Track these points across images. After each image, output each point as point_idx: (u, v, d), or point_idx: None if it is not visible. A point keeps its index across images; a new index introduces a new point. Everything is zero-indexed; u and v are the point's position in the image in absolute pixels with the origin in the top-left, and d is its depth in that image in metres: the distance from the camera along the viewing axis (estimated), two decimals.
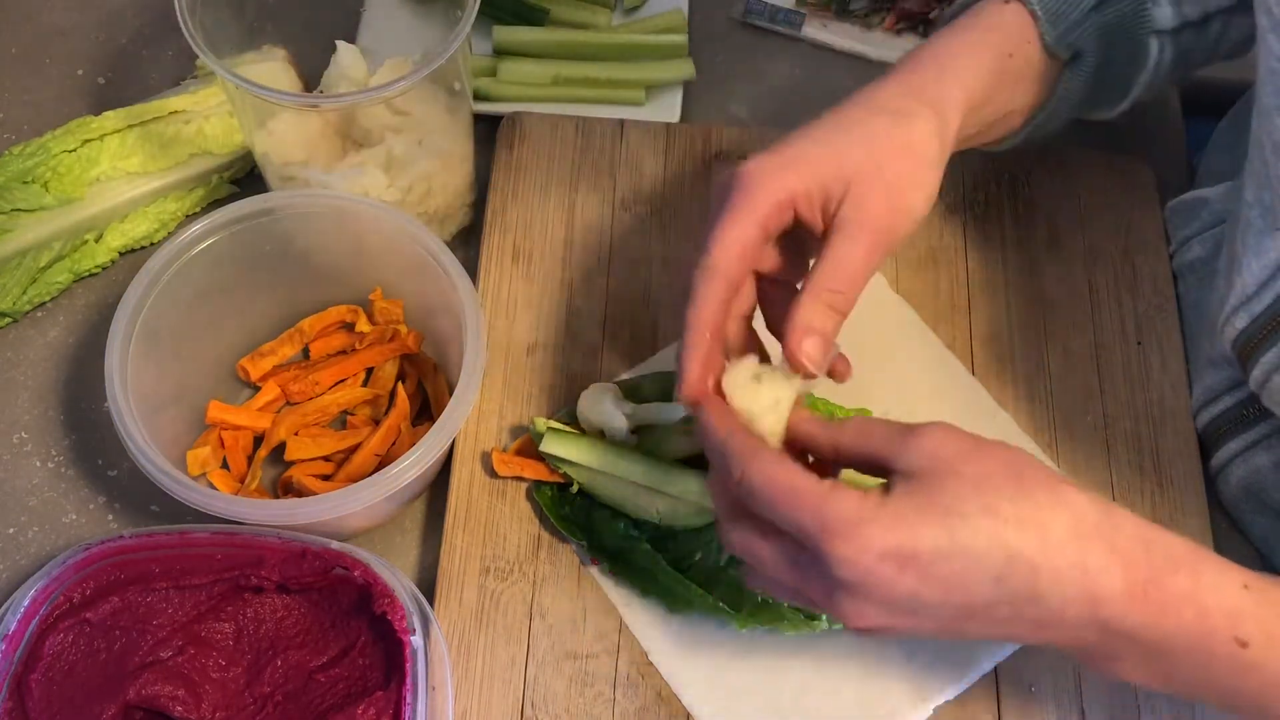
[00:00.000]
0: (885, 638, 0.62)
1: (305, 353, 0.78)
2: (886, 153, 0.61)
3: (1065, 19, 0.67)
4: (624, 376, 0.76)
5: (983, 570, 0.51)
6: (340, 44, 0.79)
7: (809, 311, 0.59)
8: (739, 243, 0.59)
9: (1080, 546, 0.51)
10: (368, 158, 0.76)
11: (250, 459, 0.74)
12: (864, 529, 0.50)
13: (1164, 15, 0.69)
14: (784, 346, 0.59)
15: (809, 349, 0.58)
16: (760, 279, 0.65)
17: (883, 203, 0.60)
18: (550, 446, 0.70)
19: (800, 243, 0.64)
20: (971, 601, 0.51)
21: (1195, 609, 0.51)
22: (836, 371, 0.64)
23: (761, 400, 0.58)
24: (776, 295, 0.65)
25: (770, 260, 0.64)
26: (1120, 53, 0.70)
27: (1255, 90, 0.63)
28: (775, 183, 0.60)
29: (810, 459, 0.59)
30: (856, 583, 0.51)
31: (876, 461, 0.55)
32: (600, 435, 0.71)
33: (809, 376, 0.59)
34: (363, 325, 0.78)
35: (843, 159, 0.60)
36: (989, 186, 0.84)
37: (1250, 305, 0.65)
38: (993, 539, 0.50)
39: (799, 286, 0.60)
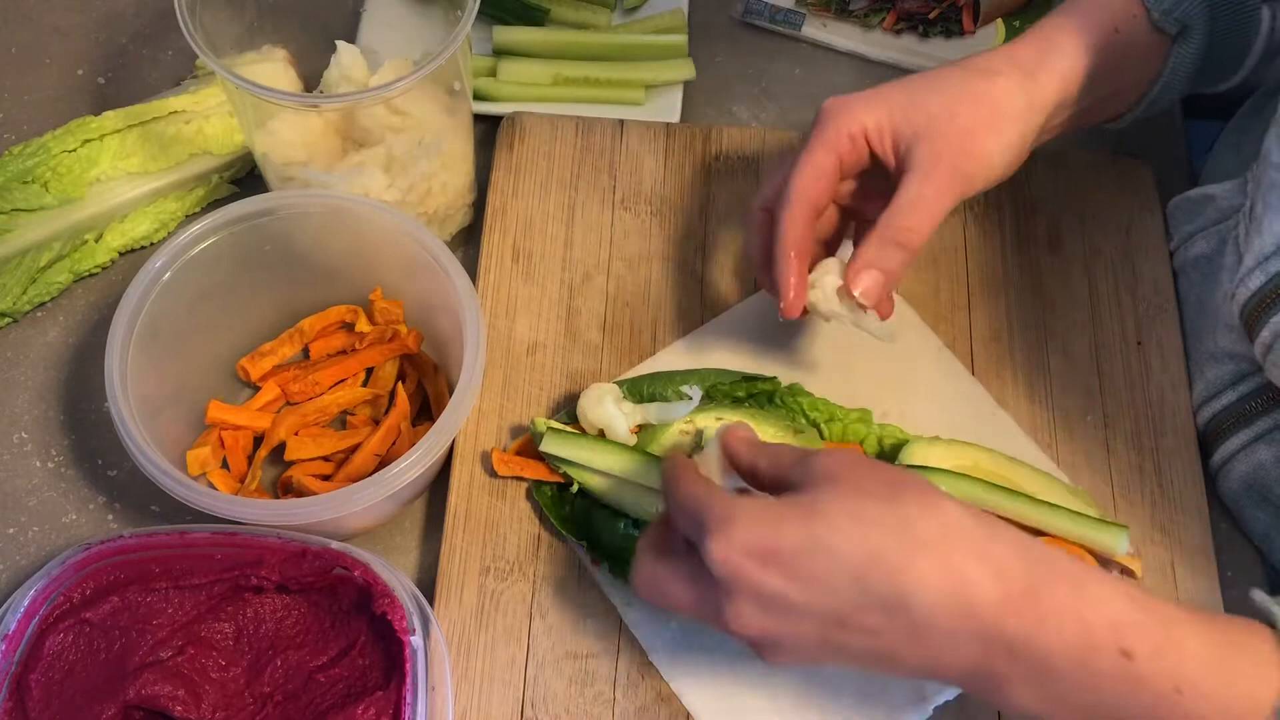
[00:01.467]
0: (790, 664, 0.62)
1: (305, 353, 0.78)
2: (961, 100, 0.65)
3: None
4: (624, 376, 0.76)
5: (843, 568, 0.51)
6: (340, 44, 0.79)
7: (871, 247, 0.65)
8: (813, 168, 0.66)
9: (947, 550, 0.51)
10: (368, 158, 0.76)
11: (250, 459, 0.74)
12: (732, 526, 0.52)
13: None
14: (845, 276, 0.65)
15: (866, 281, 0.65)
16: (860, 222, 0.72)
17: (954, 145, 0.64)
18: (550, 446, 0.70)
19: (889, 185, 0.67)
20: (838, 605, 0.51)
21: (1077, 621, 0.50)
22: (880, 312, 0.69)
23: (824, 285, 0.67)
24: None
25: (858, 197, 0.70)
26: (1229, 25, 0.71)
27: None
28: (849, 115, 0.66)
29: None
30: (728, 579, 0.52)
31: (783, 485, 0.56)
32: (600, 435, 0.71)
33: (861, 308, 0.66)
34: (363, 325, 0.78)
35: (918, 102, 0.66)
36: None
37: (1267, 265, 0.65)
38: (853, 537, 0.51)
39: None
